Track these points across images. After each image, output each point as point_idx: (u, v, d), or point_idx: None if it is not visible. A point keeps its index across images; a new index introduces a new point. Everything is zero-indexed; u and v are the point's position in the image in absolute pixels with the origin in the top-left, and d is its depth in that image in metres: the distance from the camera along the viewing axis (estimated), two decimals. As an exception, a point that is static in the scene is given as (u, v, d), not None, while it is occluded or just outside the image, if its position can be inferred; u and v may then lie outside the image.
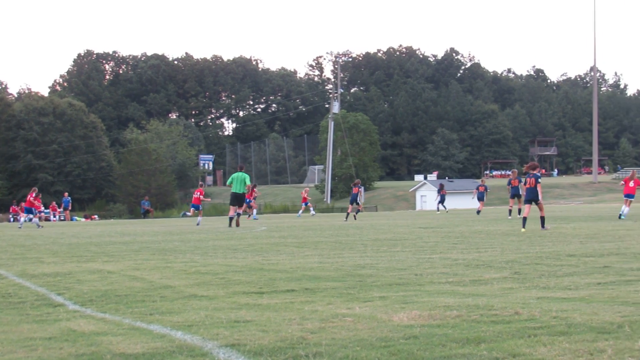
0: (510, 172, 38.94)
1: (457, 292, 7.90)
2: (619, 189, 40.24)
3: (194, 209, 35.94)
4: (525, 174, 21.52)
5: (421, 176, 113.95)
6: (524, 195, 23.17)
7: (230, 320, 6.37)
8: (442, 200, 49.14)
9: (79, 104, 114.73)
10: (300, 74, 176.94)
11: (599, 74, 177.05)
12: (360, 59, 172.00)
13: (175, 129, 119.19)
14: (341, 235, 20.49)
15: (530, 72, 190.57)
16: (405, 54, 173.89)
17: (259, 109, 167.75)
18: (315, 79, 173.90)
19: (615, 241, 15.40)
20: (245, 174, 28.60)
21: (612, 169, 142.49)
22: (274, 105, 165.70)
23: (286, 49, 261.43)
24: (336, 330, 5.76)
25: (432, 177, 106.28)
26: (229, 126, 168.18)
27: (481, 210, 39.68)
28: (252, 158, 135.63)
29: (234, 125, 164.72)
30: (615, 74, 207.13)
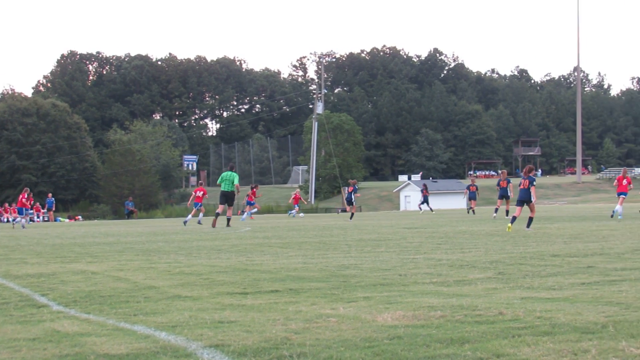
0: (499, 173, 39.12)
1: (441, 293, 7.91)
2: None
3: (196, 208, 35.69)
4: (527, 177, 21.42)
5: (405, 176, 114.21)
6: (512, 195, 23.22)
7: (214, 321, 6.35)
8: (425, 201, 49.25)
9: (63, 104, 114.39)
10: (284, 75, 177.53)
11: (582, 74, 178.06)
12: (344, 59, 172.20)
13: (159, 129, 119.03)
14: (325, 236, 20.48)
15: (514, 73, 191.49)
16: (389, 55, 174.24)
17: (242, 110, 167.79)
18: (299, 79, 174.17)
19: (599, 241, 15.47)
20: (234, 174, 29.04)
21: (596, 169, 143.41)
22: (257, 105, 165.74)
23: (270, 50, 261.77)
24: (320, 331, 5.75)
25: (416, 178, 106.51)
26: (213, 127, 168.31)
27: (474, 209, 39.93)
28: (236, 158, 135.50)
29: (218, 125, 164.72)
30: (599, 74, 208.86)
